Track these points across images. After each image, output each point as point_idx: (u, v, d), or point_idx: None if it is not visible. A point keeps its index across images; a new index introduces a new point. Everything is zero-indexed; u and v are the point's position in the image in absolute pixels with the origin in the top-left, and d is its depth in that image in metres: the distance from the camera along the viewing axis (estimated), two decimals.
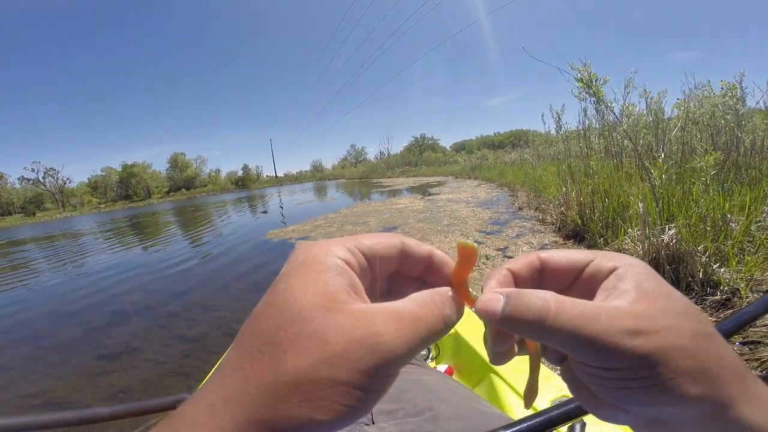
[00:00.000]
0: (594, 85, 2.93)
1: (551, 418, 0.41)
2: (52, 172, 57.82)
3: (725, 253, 2.35)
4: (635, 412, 0.22)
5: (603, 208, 3.71)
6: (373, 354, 0.19)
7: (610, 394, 0.22)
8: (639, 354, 0.19)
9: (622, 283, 0.23)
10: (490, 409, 0.63)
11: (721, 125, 3.60)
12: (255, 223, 10.15)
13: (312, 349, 0.19)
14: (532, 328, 0.21)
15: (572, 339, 0.20)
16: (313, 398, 0.18)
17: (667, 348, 0.20)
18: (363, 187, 22.28)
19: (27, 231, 24.73)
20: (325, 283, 0.21)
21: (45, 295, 5.09)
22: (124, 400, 2.17)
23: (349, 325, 0.19)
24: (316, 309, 0.20)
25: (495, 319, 0.22)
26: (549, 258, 0.26)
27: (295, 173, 77.12)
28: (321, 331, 0.19)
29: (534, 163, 8.09)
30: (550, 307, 0.21)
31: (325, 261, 0.22)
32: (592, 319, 0.20)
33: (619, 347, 0.20)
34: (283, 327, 0.20)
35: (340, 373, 0.18)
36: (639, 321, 0.20)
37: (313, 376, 0.18)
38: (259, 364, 0.19)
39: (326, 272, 0.22)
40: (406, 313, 0.21)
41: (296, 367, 0.18)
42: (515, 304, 0.22)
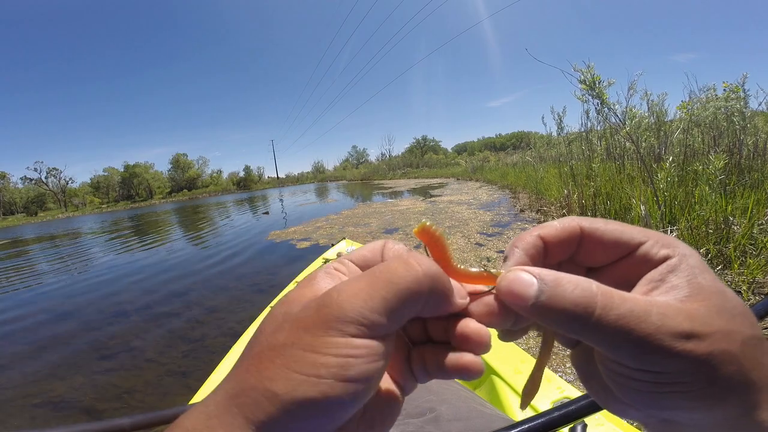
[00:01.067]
0: (597, 87, 2.93)
1: (552, 419, 0.41)
2: (54, 172, 58.12)
3: (727, 255, 2.35)
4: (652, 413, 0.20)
5: (605, 211, 3.71)
6: (319, 310, 0.18)
7: (638, 397, 0.19)
8: (690, 359, 0.18)
9: (673, 276, 0.20)
10: (491, 411, 0.63)
11: (724, 128, 3.59)
12: (256, 224, 10.16)
13: (278, 319, 0.20)
14: (572, 324, 0.18)
15: (618, 340, 0.18)
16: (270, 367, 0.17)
17: (717, 353, 0.18)
18: (364, 188, 22.28)
19: (29, 231, 24.80)
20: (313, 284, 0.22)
21: (45, 295, 5.10)
22: (125, 400, 2.18)
23: (312, 295, 0.20)
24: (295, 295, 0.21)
25: (524, 307, 0.19)
26: (594, 230, 0.23)
27: (297, 174, 77.29)
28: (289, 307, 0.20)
29: (536, 165, 8.08)
30: (597, 301, 0.18)
31: (315, 274, 0.23)
32: (642, 319, 0.18)
33: (670, 351, 0.18)
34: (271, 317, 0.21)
35: (293, 333, 0.18)
36: (693, 322, 0.18)
37: (272, 342, 0.18)
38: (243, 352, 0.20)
39: (315, 279, 0.22)
40: (367, 271, 0.20)
41: (262, 338, 0.19)
42: (553, 294, 0.19)
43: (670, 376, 0.18)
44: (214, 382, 1.16)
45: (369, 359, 0.18)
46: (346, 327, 0.18)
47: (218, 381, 0.82)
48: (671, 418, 0.20)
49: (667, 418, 0.20)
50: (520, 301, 0.19)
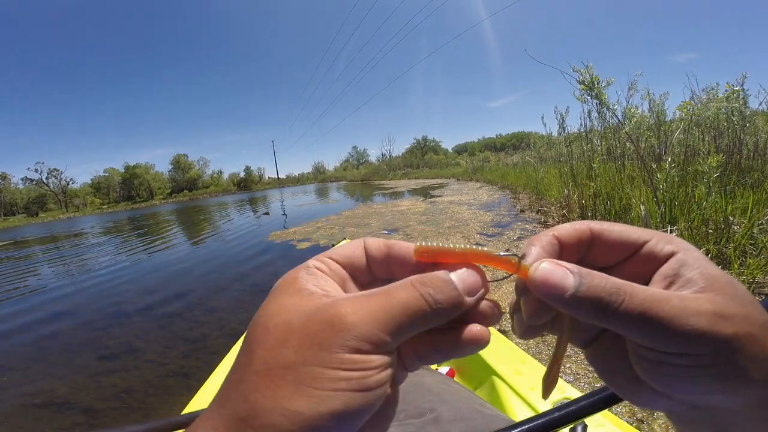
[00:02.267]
0: (596, 88, 2.93)
1: (552, 419, 0.41)
2: (55, 173, 58.17)
3: (727, 255, 2.35)
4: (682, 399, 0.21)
5: (605, 211, 3.71)
6: (333, 327, 0.18)
7: (670, 382, 0.20)
8: (720, 338, 0.19)
9: (686, 270, 0.22)
10: (492, 411, 0.63)
11: (724, 127, 3.59)
12: (257, 225, 10.16)
13: (277, 335, 0.19)
14: (602, 311, 0.20)
15: (644, 322, 0.19)
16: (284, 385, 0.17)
17: (743, 334, 0.19)
18: (365, 189, 22.29)
19: (30, 231, 24.81)
20: (298, 288, 0.21)
21: (45, 295, 5.10)
22: (125, 400, 2.18)
23: (313, 309, 0.20)
24: (285, 306, 0.20)
25: (561, 296, 0.20)
26: (602, 231, 0.24)
27: (297, 175, 77.37)
28: (288, 320, 0.19)
29: (536, 166, 8.08)
30: (625, 290, 0.20)
31: (296, 276, 0.23)
32: (664, 302, 0.19)
33: (699, 330, 0.19)
34: (258, 328, 0.20)
35: (305, 352, 0.18)
36: (716, 306, 0.19)
37: (280, 360, 0.18)
38: (237, 365, 0.20)
39: (298, 282, 0.22)
40: (377, 293, 0.20)
41: (263, 355, 0.19)
42: (590, 284, 0.20)
43: (705, 358, 0.19)
44: (214, 383, 1.16)
45: (382, 369, 0.19)
46: (362, 345, 0.18)
47: (220, 380, 0.82)
48: (703, 403, 0.20)
49: (699, 404, 0.21)
50: (557, 291, 0.20)
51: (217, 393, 0.20)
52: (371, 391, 0.18)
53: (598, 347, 0.24)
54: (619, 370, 0.23)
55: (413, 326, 0.20)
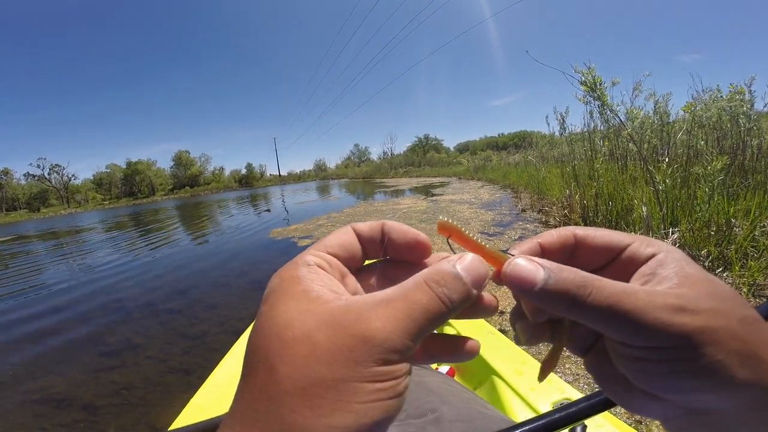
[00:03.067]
0: (598, 89, 2.92)
1: (553, 420, 0.41)
2: (57, 169, 58.26)
3: (728, 258, 2.34)
4: (674, 402, 0.21)
5: (606, 212, 3.70)
6: (366, 343, 0.18)
7: (651, 380, 0.20)
8: (685, 331, 0.19)
9: (662, 269, 0.22)
10: (492, 412, 0.63)
11: (728, 129, 3.58)
12: (258, 222, 10.17)
13: (302, 350, 0.18)
14: (571, 304, 0.20)
15: (611, 316, 0.20)
16: (323, 403, 0.17)
17: (714, 328, 0.19)
18: (366, 186, 22.29)
19: (32, 227, 24.87)
20: (305, 293, 0.20)
21: (45, 291, 5.11)
22: (125, 396, 2.19)
23: (335, 319, 0.19)
24: (299, 314, 0.19)
25: (530, 289, 0.21)
26: (586, 237, 0.25)
27: (299, 172, 77.44)
28: (307, 332, 0.19)
29: (538, 165, 8.06)
30: (593, 284, 0.20)
31: (297, 274, 0.22)
32: (631, 295, 0.20)
33: (663, 323, 0.19)
34: (272, 339, 0.19)
35: (339, 368, 0.18)
36: (682, 300, 0.20)
37: (314, 377, 0.17)
38: (258, 381, 0.19)
39: (302, 283, 0.21)
40: (396, 297, 0.20)
41: (292, 372, 0.18)
42: (558, 278, 0.21)
43: (674, 351, 0.19)
44: (215, 379, 1.16)
45: (408, 373, 0.20)
46: (392, 356, 0.19)
47: (220, 378, 0.82)
48: (695, 406, 0.20)
49: (693, 407, 0.21)
50: (528, 284, 0.21)
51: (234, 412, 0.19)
52: (402, 396, 0.19)
53: (594, 355, 0.25)
54: (613, 377, 0.23)
55: (432, 328, 0.20)
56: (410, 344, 0.19)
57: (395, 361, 0.19)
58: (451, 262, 0.22)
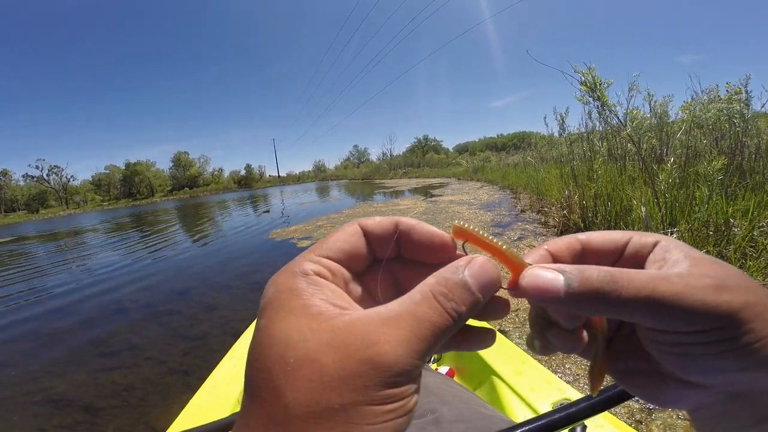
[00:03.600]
0: (598, 89, 2.93)
1: (552, 421, 0.41)
2: (56, 170, 58.17)
3: (727, 257, 2.35)
4: (715, 386, 0.20)
5: (605, 212, 3.71)
6: (375, 368, 0.17)
7: (696, 365, 0.20)
8: (729, 309, 0.18)
9: (670, 254, 0.22)
10: (492, 412, 0.63)
11: (726, 129, 3.59)
12: (257, 223, 10.16)
13: (310, 376, 0.17)
14: (605, 301, 0.19)
15: (650, 304, 0.19)
16: (334, 426, 0.17)
17: (753, 302, 0.18)
18: (365, 187, 22.28)
19: (31, 228, 24.81)
20: (306, 308, 0.19)
21: (44, 292, 5.10)
22: (125, 397, 2.18)
23: (340, 341, 0.18)
24: (302, 333, 0.18)
25: (556, 297, 0.20)
26: (589, 239, 0.25)
27: (298, 173, 77.38)
28: (311, 354, 0.18)
29: (537, 166, 8.07)
30: (621, 276, 0.19)
31: (295, 284, 0.21)
32: (665, 280, 0.19)
33: (707, 304, 0.18)
34: (274, 360, 0.18)
35: (350, 394, 0.17)
36: (715, 279, 0.19)
37: (324, 404, 0.17)
38: (266, 406, 0.18)
39: (302, 297, 0.20)
40: (404, 315, 0.19)
41: (300, 398, 0.17)
42: (582, 278, 0.20)
43: (717, 332, 0.18)
44: (215, 380, 1.16)
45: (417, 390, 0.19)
46: (403, 378, 0.18)
47: (220, 379, 0.83)
48: (737, 389, 0.20)
49: (734, 391, 0.20)
50: (550, 293, 0.20)
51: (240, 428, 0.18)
52: (411, 412, 0.19)
53: (612, 352, 0.24)
54: (638, 370, 0.23)
55: (440, 345, 0.20)
56: (420, 364, 0.19)
57: (404, 382, 0.18)
58: (459, 269, 0.20)
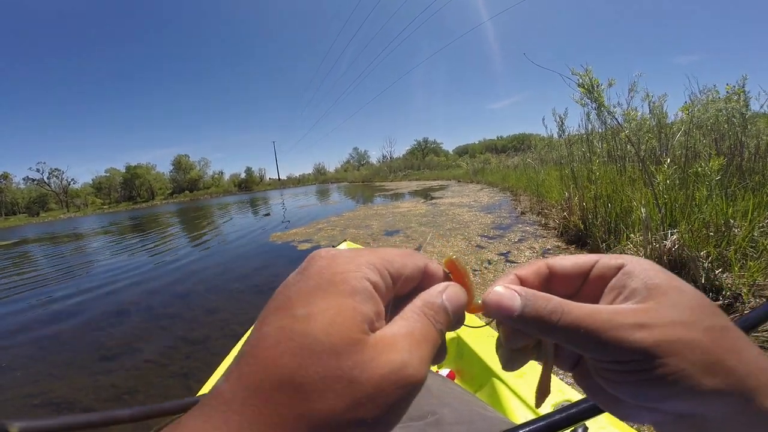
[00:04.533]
0: (595, 91, 2.93)
1: (553, 422, 0.41)
2: (56, 173, 58.26)
3: (728, 258, 2.34)
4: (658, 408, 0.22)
5: (605, 213, 3.70)
6: (403, 388, 0.18)
7: (622, 390, 0.22)
8: (641, 346, 0.20)
9: (631, 281, 0.23)
10: (493, 414, 0.63)
11: (725, 129, 3.59)
12: (258, 226, 10.16)
13: (342, 390, 0.17)
14: (544, 328, 0.22)
15: (577, 335, 0.21)
16: None
17: (673, 340, 0.20)
18: (365, 190, 22.29)
19: (32, 231, 24.80)
20: (354, 312, 0.19)
21: (45, 295, 5.10)
22: (127, 401, 2.18)
23: (377, 361, 0.18)
24: (343, 344, 0.18)
25: (510, 315, 0.23)
26: (555, 264, 0.27)
27: (298, 176, 77.41)
28: (349, 370, 0.18)
29: (536, 168, 8.07)
30: (562, 308, 0.22)
31: (354, 284, 0.20)
32: (593, 316, 0.21)
33: (621, 339, 0.20)
34: (305, 365, 0.17)
35: (372, 411, 0.17)
36: (643, 316, 0.21)
37: (346, 419, 0.17)
38: (277, 405, 0.17)
39: (355, 297, 0.20)
40: (417, 335, 0.20)
41: (325, 410, 0.17)
42: (534, 305, 0.22)
43: (634, 364, 0.20)
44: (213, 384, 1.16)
45: None
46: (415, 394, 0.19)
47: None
48: (682, 412, 0.21)
49: (681, 413, 0.21)
50: (507, 312, 0.23)
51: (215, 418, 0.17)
52: None
53: (581, 369, 0.26)
54: (600, 388, 0.24)
55: None
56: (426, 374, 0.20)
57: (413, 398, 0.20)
58: (439, 294, 0.23)
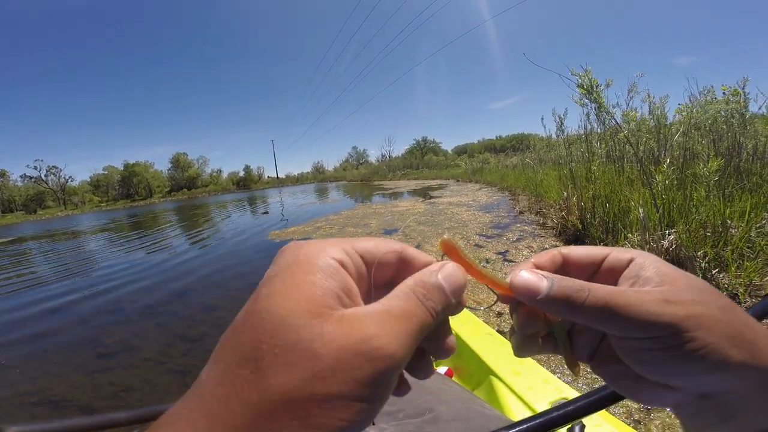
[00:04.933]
0: (595, 91, 2.94)
1: (550, 419, 0.41)
2: (54, 170, 58.01)
3: (725, 258, 2.36)
4: (684, 388, 0.23)
5: (604, 213, 3.71)
6: (371, 362, 0.17)
7: (653, 368, 0.22)
8: (674, 320, 0.21)
9: (643, 271, 0.25)
10: (490, 411, 0.64)
11: (723, 131, 3.60)
12: (256, 224, 10.15)
13: (300, 363, 0.17)
14: (571, 306, 0.23)
15: (607, 312, 0.22)
16: (307, 416, 0.16)
17: (699, 315, 0.21)
18: (364, 189, 22.28)
19: (29, 229, 24.71)
20: (313, 286, 0.19)
21: (42, 293, 5.08)
22: (124, 398, 2.18)
23: (340, 333, 0.18)
24: (301, 317, 0.18)
25: (538, 296, 0.24)
26: (570, 253, 0.28)
27: (297, 174, 77.42)
28: (308, 342, 0.17)
29: (535, 167, 8.09)
30: (588, 288, 0.23)
31: (315, 261, 0.20)
32: (622, 294, 0.23)
33: (653, 314, 0.21)
34: (264, 339, 0.18)
35: (336, 386, 0.17)
36: (667, 294, 0.22)
37: (306, 393, 0.16)
38: (241, 381, 0.17)
39: (315, 274, 0.20)
40: (396, 311, 0.20)
41: (284, 384, 0.17)
42: (560, 285, 0.24)
43: (668, 339, 0.21)
44: None
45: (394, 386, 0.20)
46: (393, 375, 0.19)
47: None
48: (705, 390, 0.22)
49: (703, 393, 0.22)
50: (534, 292, 0.24)
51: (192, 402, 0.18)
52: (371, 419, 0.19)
53: (600, 358, 0.27)
54: (621, 373, 0.25)
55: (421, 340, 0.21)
56: (408, 358, 0.19)
57: (393, 380, 0.19)
58: (434, 272, 0.23)
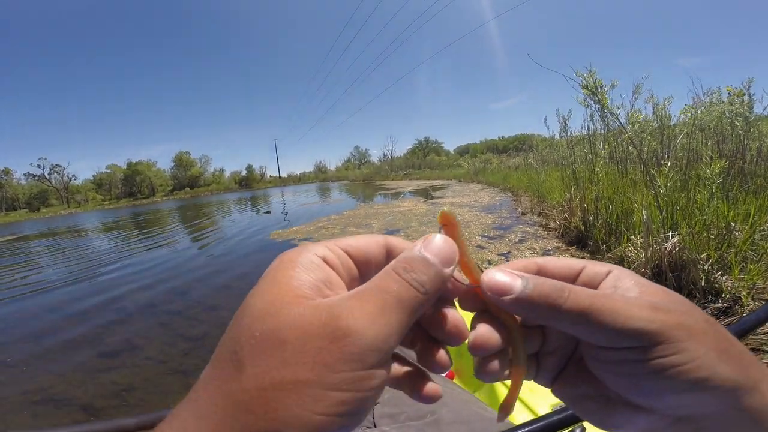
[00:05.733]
0: (599, 92, 2.93)
1: (551, 423, 0.41)
2: (57, 169, 58.29)
3: (728, 261, 2.34)
4: (660, 410, 0.21)
5: (606, 215, 3.70)
6: (335, 342, 0.17)
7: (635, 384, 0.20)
8: (664, 328, 0.19)
9: (621, 282, 0.23)
10: (491, 414, 0.63)
11: (728, 132, 3.58)
12: (258, 224, 10.17)
13: (270, 350, 0.17)
14: (550, 307, 0.21)
15: (590, 316, 0.20)
16: (278, 408, 0.16)
17: (689, 325, 0.20)
18: (366, 189, 22.29)
19: (33, 227, 24.82)
20: (290, 279, 0.20)
21: (43, 292, 5.10)
22: (125, 398, 2.18)
23: (307, 317, 0.18)
24: (274, 307, 0.18)
25: (510, 296, 0.21)
26: (545, 263, 0.26)
27: (299, 174, 77.53)
28: (276, 330, 0.17)
29: (538, 168, 8.07)
30: (569, 288, 0.21)
31: (296, 259, 0.21)
32: (607, 297, 0.20)
33: (642, 320, 0.19)
34: (244, 332, 0.18)
35: (303, 371, 0.16)
36: (654, 301, 0.20)
37: (276, 380, 0.16)
38: (225, 375, 0.17)
39: (295, 269, 0.20)
40: (366, 291, 0.19)
41: (258, 373, 0.17)
42: (536, 284, 0.21)
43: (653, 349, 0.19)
44: None
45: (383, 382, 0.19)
46: (368, 358, 0.18)
47: None
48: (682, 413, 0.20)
49: (680, 415, 0.20)
50: (506, 291, 0.21)
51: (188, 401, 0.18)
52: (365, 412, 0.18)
53: (564, 378, 0.25)
54: (588, 395, 0.23)
55: (411, 319, 0.20)
56: (390, 343, 0.18)
57: (370, 366, 0.18)
58: (417, 246, 0.22)
